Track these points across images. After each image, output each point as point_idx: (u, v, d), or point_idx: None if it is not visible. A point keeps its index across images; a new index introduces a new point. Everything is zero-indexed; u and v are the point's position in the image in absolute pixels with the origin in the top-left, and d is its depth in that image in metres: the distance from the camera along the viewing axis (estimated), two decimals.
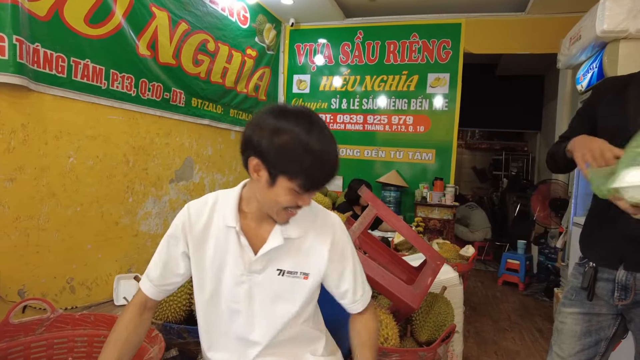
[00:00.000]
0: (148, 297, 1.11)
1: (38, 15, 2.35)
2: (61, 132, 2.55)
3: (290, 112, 0.93)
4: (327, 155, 0.91)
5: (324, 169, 0.92)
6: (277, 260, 1.04)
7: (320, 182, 0.93)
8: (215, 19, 3.86)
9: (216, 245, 1.05)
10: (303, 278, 1.06)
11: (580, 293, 1.35)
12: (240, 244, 1.03)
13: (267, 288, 1.05)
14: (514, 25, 4.71)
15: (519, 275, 4.57)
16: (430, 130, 4.92)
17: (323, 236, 1.07)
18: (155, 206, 3.34)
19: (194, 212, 1.08)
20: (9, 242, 2.31)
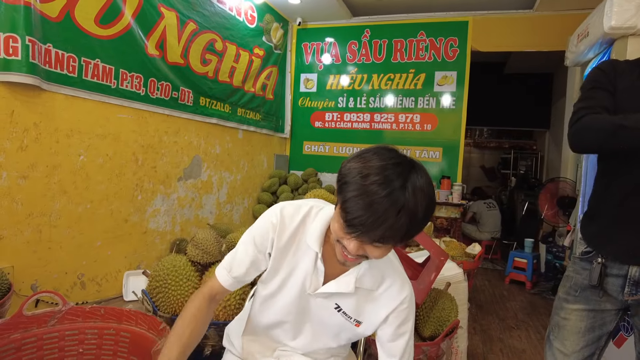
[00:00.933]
0: (223, 289, 1.08)
1: (50, 16, 2.40)
2: (72, 130, 2.61)
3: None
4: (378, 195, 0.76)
5: (365, 207, 0.77)
6: (341, 296, 1.04)
7: (359, 223, 0.78)
8: (223, 18, 3.89)
9: (295, 256, 1.04)
10: (355, 325, 1.07)
11: (586, 289, 1.34)
12: (316, 266, 1.02)
13: (320, 314, 1.07)
14: (521, 23, 4.68)
15: (527, 274, 4.55)
16: (438, 129, 4.92)
17: (391, 299, 1.03)
18: (164, 204, 3.39)
19: (287, 217, 1.03)
20: (22, 238, 2.37)
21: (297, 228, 1.02)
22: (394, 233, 0.79)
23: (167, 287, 1.60)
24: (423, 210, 0.80)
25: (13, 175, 2.30)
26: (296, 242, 1.03)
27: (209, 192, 3.98)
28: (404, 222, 0.78)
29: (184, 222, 3.65)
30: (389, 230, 0.77)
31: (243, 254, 1.07)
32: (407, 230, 0.80)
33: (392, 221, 0.77)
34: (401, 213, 0.77)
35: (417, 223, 0.81)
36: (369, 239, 0.81)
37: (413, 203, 0.78)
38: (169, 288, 1.59)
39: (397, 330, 1.05)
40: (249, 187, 4.69)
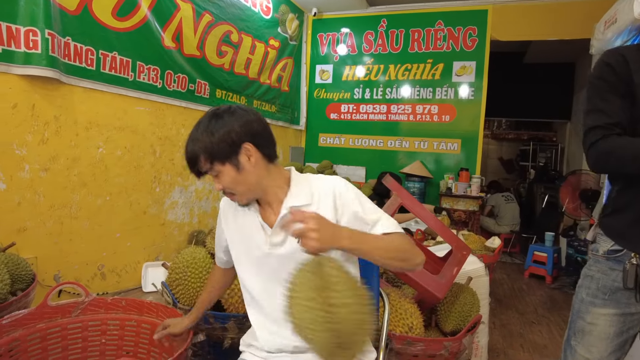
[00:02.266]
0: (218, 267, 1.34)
1: (68, 10, 2.41)
2: (91, 123, 2.63)
3: None
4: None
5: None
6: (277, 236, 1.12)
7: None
8: (239, 10, 3.87)
9: (242, 223, 1.17)
10: None
11: (617, 292, 1.25)
12: (261, 225, 1.13)
13: (291, 258, 1.07)
14: (543, 11, 4.54)
15: (547, 268, 4.46)
16: (456, 120, 4.83)
17: (325, 197, 1.10)
18: (181, 196, 3.41)
19: (226, 204, 1.23)
20: (44, 229, 2.41)
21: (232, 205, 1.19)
22: (189, 160, 1.06)
23: (186, 279, 1.60)
24: (199, 126, 1.07)
25: (35, 168, 2.33)
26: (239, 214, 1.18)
27: None
28: (188, 146, 1.07)
29: (202, 214, 3.67)
30: (189, 162, 1.07)
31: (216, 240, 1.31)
32: (190, 151, 1.05)
33: (187, 154, 1.07)
34: (188, 142, 1.07)
35: (193, 139, 1.06)
36: (195, 174, 1.08)
37: (194, 130, 1.08)
38: (188, 280, 1.60)
39: (348, 208, 1.09)
40: None
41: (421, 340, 1.51)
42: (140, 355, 1.52)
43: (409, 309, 1.59)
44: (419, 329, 1.58)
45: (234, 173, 1.04)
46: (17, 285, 1.67)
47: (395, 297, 1.61)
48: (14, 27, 2.15)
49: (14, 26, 2.15)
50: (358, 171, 5.21)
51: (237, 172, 1.05)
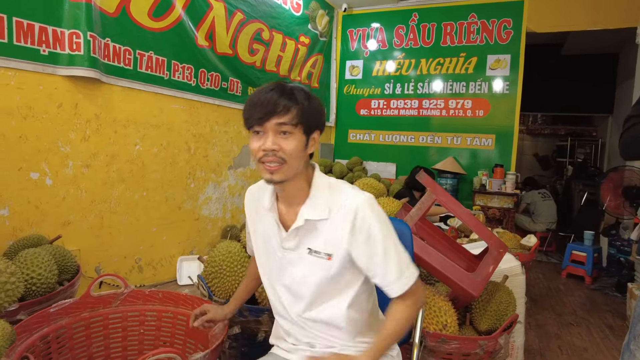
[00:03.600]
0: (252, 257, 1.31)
1: (108, 12, 2.49)
2: (128, 121, 2.72)
3: None
4: (255, 95, 1.01)
5: (251, 103, 1.00)
6: (308, 239, 1.08)
7: (250, 115, 1.00)
8: (269, 7, 3.90)
9: (263, 222, 1.16)
10: (327, 259, 1.07)
11: None
12: (276, 224, 1.12)
13: (298, 264, 1.10)
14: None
15: (586, 268, 4.28)
16: (490, 115, 4.70)
17: (343, 221, 1.03)
18: (215, 191, 3.48)
19: (252, 195, 1.23)
20: (86, 223, 2.51)
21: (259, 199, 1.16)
22: (272, 103, 0.97)
23: (222, 272, 1.63)
24: (291, 87, 1.01)
25: (78, 165, 2.44)
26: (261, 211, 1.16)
27: (257, 181, 4.04)
28: (274, 93, 0.98)
29: (234, 210, 3.74)
30: (268, 103, 0.97)
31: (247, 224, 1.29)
32: (279, 98, 0.97)
33: (268, 96, 0.98)
34: (273, 90, 0.99)
35: (287, 93, 0.99)
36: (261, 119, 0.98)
37: (287, 85, 1.02)
38: (223, 273, 1.63)
39: (367, 248, 1.03)
40: None
41: (456, 339, 1.48)
42: (177, 346, 1.56)
43: (443, 307, 1.57)
44: (453, 327, 1.55)
45: (301, 145, 1.01)
46: (64, 276, 1.75)
47: (429, 294, 1.59)
48: (59, 30, 2.25)
49: (59, 29, 2.25)
50: (388, 167, 5.17)
51: (303, 147, 1.01)
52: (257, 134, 1.00)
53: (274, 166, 1.00)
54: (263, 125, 0.98)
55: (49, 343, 1.30)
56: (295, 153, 1.00)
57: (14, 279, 1.33)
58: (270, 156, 0.99)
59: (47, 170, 2.28)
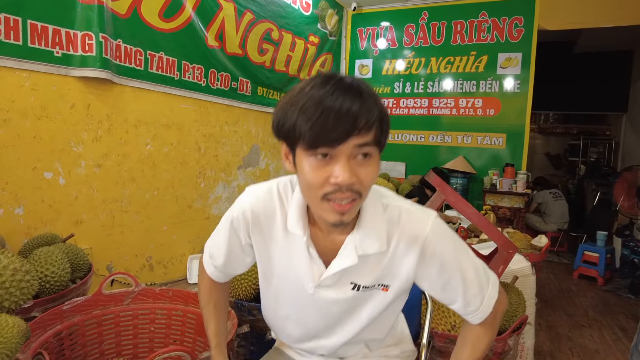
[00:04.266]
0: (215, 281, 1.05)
1: (119, 13, 2.52)
2: (139, 121, 2.75)
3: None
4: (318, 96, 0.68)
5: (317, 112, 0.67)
6: (352, 274, 0.86)
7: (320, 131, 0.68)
8: (279, 7, 3.91)
9: (283, 246, 0.90)
10: (382, 290, 0.89)
11: None
12: (309, 254, 0.86)
13: (339, 302, 0.90)
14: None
15: (598, 269, 4.23)
16: (501, 114, 4.66)
17: (408, 247, 0.84)
18: (225, 191, 3.51)
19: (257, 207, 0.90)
20: (98, 222, 2.55)
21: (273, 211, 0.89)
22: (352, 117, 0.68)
23: None
24: (365, 86, 0.72)
25: (90, 164, 2.47)
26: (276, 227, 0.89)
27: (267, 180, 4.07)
28: (349, 100, 0.68)
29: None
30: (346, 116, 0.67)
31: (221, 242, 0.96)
32: (360, 109, 0.69)
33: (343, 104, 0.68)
34: (344, 94, 0.69)
35: (363, 98, 0.70)
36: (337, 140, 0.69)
37: (350, 81, 0.71)
38: None
39: (441, 275, 0.85)
40: None
41: None
42: (187, 344, 1.58)
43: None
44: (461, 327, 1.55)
45: (375, 173, 0.75)
46: (76, 274, 1.78)
47: None
48: (72, 32, 2.29)
49: (72, 31, 2.29)
50: (398, 167, 5.15)
51: (375, 173, 0.75)
52: (323, 158, 0.71)
53: (347, 204, 0.73)
54: (336, 147, 0.69)
55: (62, 340, 1.32)
56: (372, 183, 0.76)
57: (28, 277, 1.36)
58: (345, 191, 0.71)
59: (61, 169, 2.32)
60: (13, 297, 1.30)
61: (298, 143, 0.72)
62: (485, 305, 0.89)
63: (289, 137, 0.73)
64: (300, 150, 0.73)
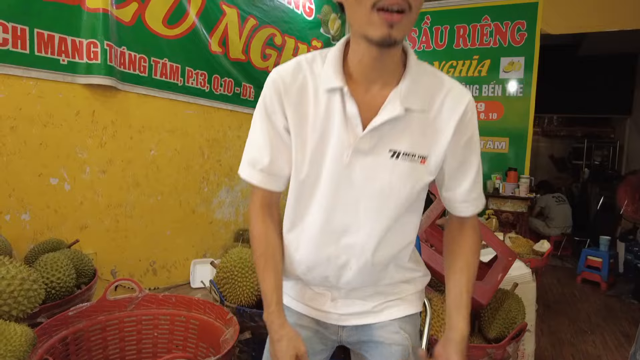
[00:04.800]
0: (271, 192, 0.93)
1: (124, 21, 2.56)
2: (143, 127, 2.78)
3: None
4: None
5: None
6: (390, 138, 0.83)
7: None
8: (282, 12, 3.94)
9: (317, 114, 0.84)
10: (420, 162, 0.85)
11: None
12: (345, 113, 0.82)
13: (380, 172, 0.84)
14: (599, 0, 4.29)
15: (601, 274, 4.22)
16: (504, 118, 4.67)
17: (451, 111, 0.84)
18: (228, 195, 3.54)
19: (287, 76, 0.86)
20: (102, 227, 2.58)
21: (305, 79, 0.85)
22: None
23: (233, 278, 1.67)
24: None
25: (95, 170, 2.50)
26: (310, 97, 0.85)
27: None
28: None
29: (247, 213, 3.79)
30: None
31: (260, 139, 0.89)
32: None
33: None
34: None
35: None
36: None
37: None
38: (235, 279, 1.67)
39: (465, 152, 0.87)
40: None
41: None
42: (189, 350, 1.60)
43: None
44: None
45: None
46: (81, 280, 1.81)
47: (437, 302, 1.61)
48: (78, 40, 2.32)
49: (78, 39, 2.32)
50: None
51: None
52: None
53: (397, 15, 0.71)
54: None
55: (68, 345, 1.35)
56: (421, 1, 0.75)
57: (36, 285, 1.39)
58: (399, 3, 0.70)
59: (66, 175, 2.36)
60: (21, 306, 1.32)
61: None
62: (481, 198, 0.93)
63: None
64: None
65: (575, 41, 6.25)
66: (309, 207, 0.90)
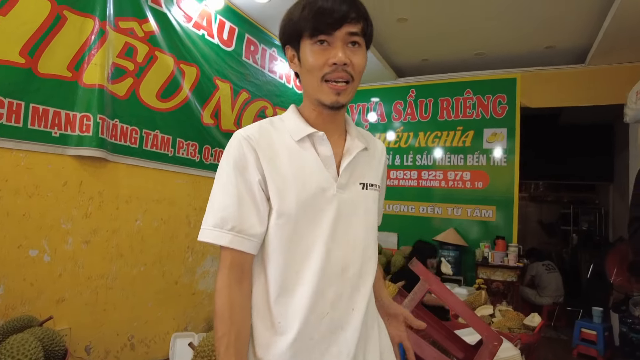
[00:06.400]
0: (242, 253, 0.88)
1: (118, 95, 2.65)
2: (131, 197, 2.78)
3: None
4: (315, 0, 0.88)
5: (315, 8, 0.87)
6: (357, 172, 0.98)
7: (318, 20, 0.86)
8: (274, 86, 4.12)
9: (291, 163, 0.91)
10: (377, 190, 1.04)
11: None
12: (319, 156, 0.93)
13: (356, 205, 0.96)
14: (573, 78, 4.57)
15: (598, 348, 4.09)
16: (490, 186, 4.76)
17: (381, 150, 1.09)
18: (213, 265, 3.47)
19: (254, 133, 0.92)
20: (81, 300, 2.49)
21: (272, 136, 0.93)
22: (345, 10, 0.87)
23: None
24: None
25: (78, 241, 2.47)
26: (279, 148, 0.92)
27: None
28: (343, 2, 0.87)
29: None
30: (340, 8, 0.86)
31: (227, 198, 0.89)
32: (349, 6, 0.88)
33: (336, 1, 0.87)
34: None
35: (355, 1, 0.90)
36: (331, 25, 0.86)
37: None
38: None
39: (383, 183, 1.10)
40: None
41: None
42: None
43: None
44: None
45: (364, 61, 0.92)
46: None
47: None
48: (72, 113, 2.39)
49: (72, 113, 2.39)
50: (390, 237, 5.15)
51: (364, 61, 0.93)
52: (321, 45, 0.88)
53: (341, 85, 0.89)
54: (332, 33, 0.87)
55: None
56: (362, 71, 0.92)
57: None
58: (340, 71, 0.88)
59: (47, 247, 2.31)
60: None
61: (302, 36, 0.89)
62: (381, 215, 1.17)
63: (294, 33, 0.91)
64: (303, 42, 0.90)
65: (555, 111, 6.56)
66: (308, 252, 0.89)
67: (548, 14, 3.70)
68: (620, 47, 3.95)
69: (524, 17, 3.79)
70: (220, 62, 3.44)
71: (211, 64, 3.34)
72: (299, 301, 0.88)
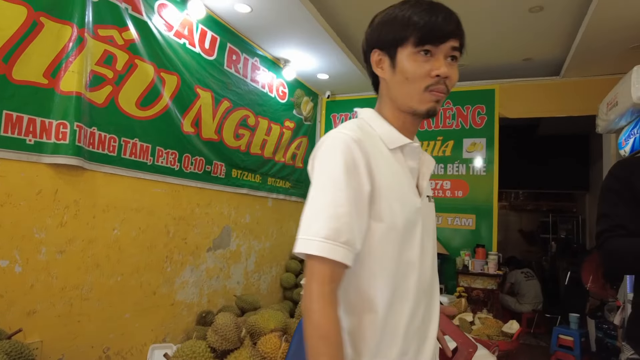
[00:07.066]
0: (344, 268, 0.81)
1: (97, 103, 2.62)
2: (108, 206, 2.74)
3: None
4: (429, 3, 0.88)
5: (430, 12, 0.86)
6: (426, 185, 1.00)
7: (432, 26, 0.85)
8: (256, 95, 4.13)
9: (391, 172, 0.89)
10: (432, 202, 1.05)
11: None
12: (409, 168, 0.94)
13: (430, 218, 0.99)
14: (549, 89, 4.70)
15: (574, 354, 4.16)
16: (469, 195, 4.83)
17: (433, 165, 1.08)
18: (192, 275, 3.43)
19: (360, 135, 0.87)
20: (54, 311, 2.43)
21: (373, 139, 0.91)
22: (455, 21, 0.88)
23: None
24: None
25: (52, 251, 2.41)
26: (376, 160, 0.87)
27: (237, 262, 4.01)
28: (450, 12, 0.88)
29: (212, 293, 3.65)
30: (451, 19, 0.87)
31: (341, 208, 0.79)
32: (457, 18, 0.89)
33: (447, 11, 0.87)
34: (445, 8, 0.89)
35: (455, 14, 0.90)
36: (442, 37, 0.86)
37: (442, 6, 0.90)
38: None
39: None
40: (278, 255, 4.68)
41: None
42: None
43: None
44: None
45: (458, 76, 0.94)
46: None
47: None
48: (47, 121, 2.35)
49: (47, 120, 2.35)
50: None
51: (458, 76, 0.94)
52: (424, 55, 0.87)
53: (441, 96, 0.90)
54: (439, 46, 0.87)
55: None
56: (454, 85, 0.93)
57: None
58: (441, 84, 0.88)
59: (18, 257, 2.26)
60: None
61: (404, 42, 0.88)
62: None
63: (395, 39, 0.89)
64: (403, 49, 0.88)
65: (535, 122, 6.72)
66: (409, 267, 0.88)
67: (526, 27, 3.81)
68: (591, 61, 4.09)
69: (503, 30, 3.89)
70: (202, 70, 3.44)
71: (192, 72, 3.34)
72: (399, 318, 0.86)
